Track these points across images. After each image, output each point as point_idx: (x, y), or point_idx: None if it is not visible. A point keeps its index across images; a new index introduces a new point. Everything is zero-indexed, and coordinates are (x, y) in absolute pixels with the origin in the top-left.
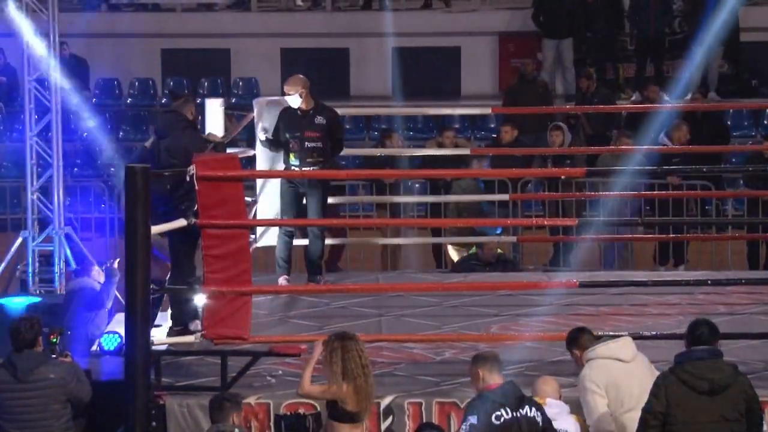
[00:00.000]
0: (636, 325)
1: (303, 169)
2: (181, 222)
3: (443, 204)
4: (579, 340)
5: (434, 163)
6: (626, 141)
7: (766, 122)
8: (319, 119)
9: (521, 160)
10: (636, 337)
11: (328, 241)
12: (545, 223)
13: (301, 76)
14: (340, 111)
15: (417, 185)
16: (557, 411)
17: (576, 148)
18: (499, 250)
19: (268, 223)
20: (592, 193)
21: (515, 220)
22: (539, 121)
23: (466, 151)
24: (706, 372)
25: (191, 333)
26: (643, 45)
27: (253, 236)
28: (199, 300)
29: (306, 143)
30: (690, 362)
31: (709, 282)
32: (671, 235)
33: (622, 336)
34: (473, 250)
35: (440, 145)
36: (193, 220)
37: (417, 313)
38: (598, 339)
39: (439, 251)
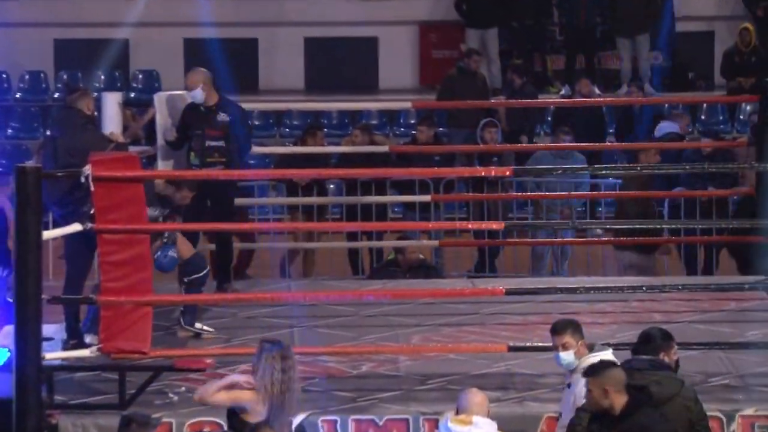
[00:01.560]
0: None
1: (204, 169)
2: (76, 226)
3: (359, 206)
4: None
5: (351, 161)
6: (563, 138)
7: (703, 117)
8: (222, 116)
9: (443, 160)
10: None
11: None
12: (469, 227)
13: (202, 69)
14: (248, 106)
15: (332, 186)
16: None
17: (502, 145)
18: (420, 256)
19: (171, 228)
20: (519, 194)
21: (437, 223)
22: (476, 117)
23: (384, 149)
24: (642, 383)
25: (87, 346)
26: (573, 36)
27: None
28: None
29: (207, 142)
30: (627, 372)
31: (645, 288)
32: (604, 239)
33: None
34: (392, 255)
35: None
36: (89, 225)
37: (332, 324)
38: (591, 348)
39: (355, 257)
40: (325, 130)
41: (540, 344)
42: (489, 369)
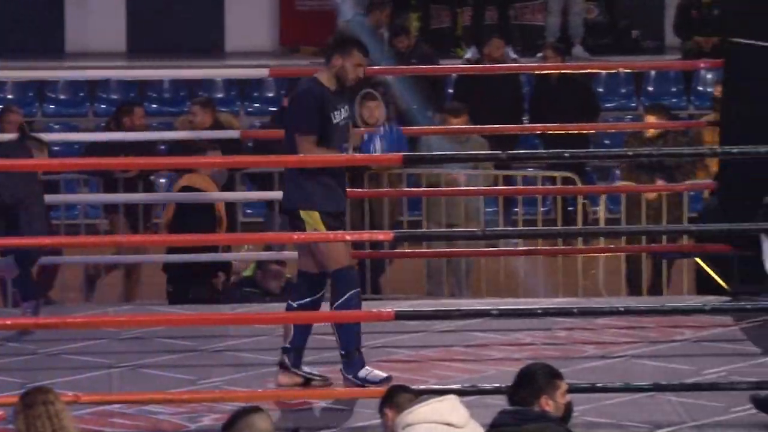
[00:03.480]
0: (472, 374)
1: None
2: None
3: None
4: (395, 397)
5: (188, 147)
6: (452, 120)
7: (651, 89)
8: None
9: None
10: (468, 393)
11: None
12: (347, 238)
13: None
14: (51, 74)
15: (162, 180)
16: None
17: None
18: (288, 275)
19: None
20: (412, 189)
21: (304, 234)
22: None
23: (234, 135)
24: None
25: None
26: None
27: None
28: None
29: None
30: (496, 429)
31: (575, 311)
32: (517, 248)
33: (447, 396)
34: (248, 271)
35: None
36: None
37: (163, 362)
38: (418, 398)
39: None
40: (154, 106)
41: (436, 387)
42: (372, 420)
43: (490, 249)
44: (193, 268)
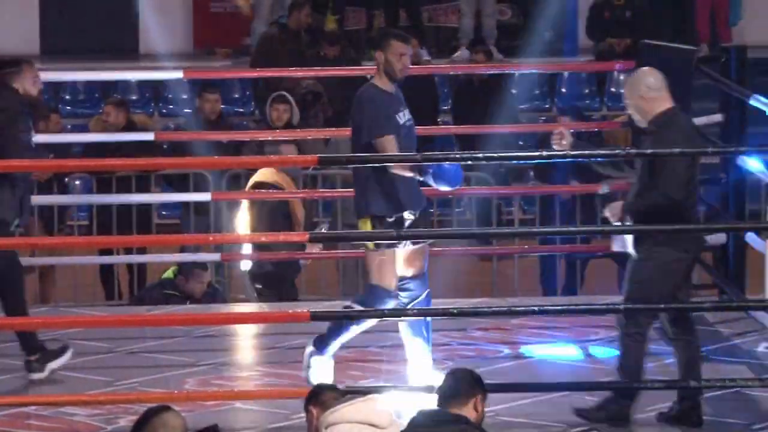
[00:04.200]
0: (387, 375)
1: None
2: None
3: (115, 208)
4: (320, 396)
5: (102, 150)
6: None
7: (564, 90)
8: None
9: (229, 147)
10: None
11: None
12: (263, 239)
13: None
14: None
15: (77, 182)
16: None
17: (292, 131)
18: (210, 279)
19: None
20: (328, 191)
21: (219, 236)
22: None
23: (148, 136)
24: None
25: None
26: None
27: None
28: None
29: None
30: (414, 428)
31: (490, 311)
32: (432, 248)
33: (371, 396)
34: (169, 273)
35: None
36: None
37: (79, 364)
38: (344, 397)
39: (110, 276)
40: (68, 108)
41: (353, 387)
42: (288, 421)
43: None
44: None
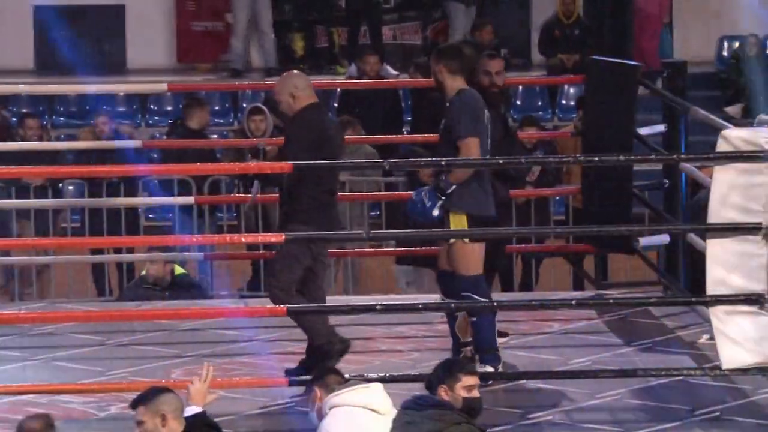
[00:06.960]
0: (359, 365)
1: None
2: None
3: (105, 211)
4: (326, 378)
5: (94, 156)
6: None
7: (519, 102)
8: None
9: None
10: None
11: None
12: (242, 240)
13: None
14: None
15: (71, 187)
16: None
17: (272, 139)
18: (180, 270)
19: None
20: None
21: (204, 237)
22: None
23: (137, 144)
24: (419, 423)
25: None
26: (355, 3)
27: None
28: None
29: None
30: (404, 411)
31: (453, 306)
32: (396, 249)
33: (373, 384)
34: (143, 271)
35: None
36: None
37: (74, 356)
38: (347, 382)
39: (101, 273)
40: (61, 119)
41: (366, 375)
42: (268, 408)
43: (373, 249)
44: None
